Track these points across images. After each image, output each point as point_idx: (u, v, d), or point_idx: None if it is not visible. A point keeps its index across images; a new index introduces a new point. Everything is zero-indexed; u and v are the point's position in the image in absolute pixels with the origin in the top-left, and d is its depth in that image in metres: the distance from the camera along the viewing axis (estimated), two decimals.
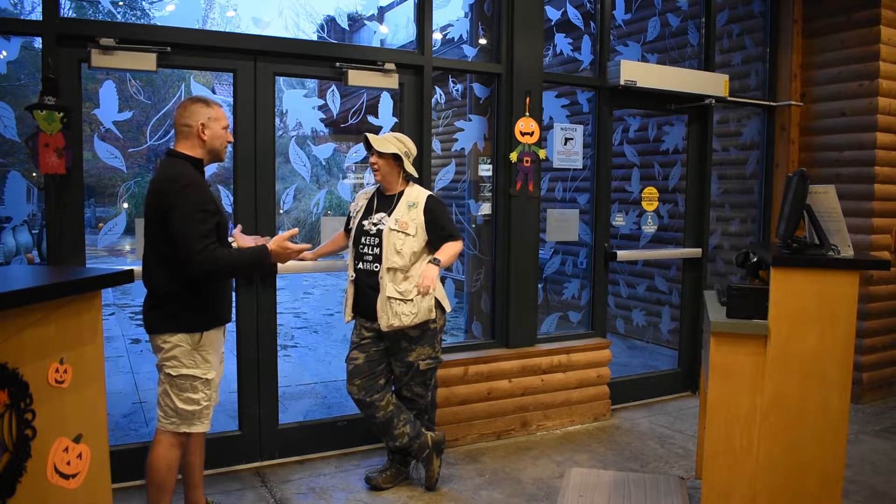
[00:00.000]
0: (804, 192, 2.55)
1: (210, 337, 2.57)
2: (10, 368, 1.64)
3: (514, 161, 3.94)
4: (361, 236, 3.15)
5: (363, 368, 3.16)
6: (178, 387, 2.52)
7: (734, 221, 5.60)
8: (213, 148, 2.60)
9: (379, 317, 3.05)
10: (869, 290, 4.60)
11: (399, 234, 3.06)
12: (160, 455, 2.53)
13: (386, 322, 3.04)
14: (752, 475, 2.56)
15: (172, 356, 2.50)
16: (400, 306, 3.04)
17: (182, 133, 2.56)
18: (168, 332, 2.50)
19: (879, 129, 4.59)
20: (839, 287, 2.48)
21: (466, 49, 4.10)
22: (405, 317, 3.04)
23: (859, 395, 4.62)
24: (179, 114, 2.56)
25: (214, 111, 2.58)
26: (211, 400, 2.61)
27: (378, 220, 3.14)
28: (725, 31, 5.29)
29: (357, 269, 3.16)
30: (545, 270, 4.44)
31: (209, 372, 2.56)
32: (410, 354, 3.14)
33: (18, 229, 3.06)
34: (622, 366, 4.95)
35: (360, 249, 3.14)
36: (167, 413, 2.54)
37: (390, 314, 3.03)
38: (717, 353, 2.57)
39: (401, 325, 3.04)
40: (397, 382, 3.24)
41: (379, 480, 3.27)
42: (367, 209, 3.21)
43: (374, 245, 3.11)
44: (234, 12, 3.78)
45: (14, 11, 4.37)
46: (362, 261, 3.14)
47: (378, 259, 3.08)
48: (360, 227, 3.18)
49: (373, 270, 3.09)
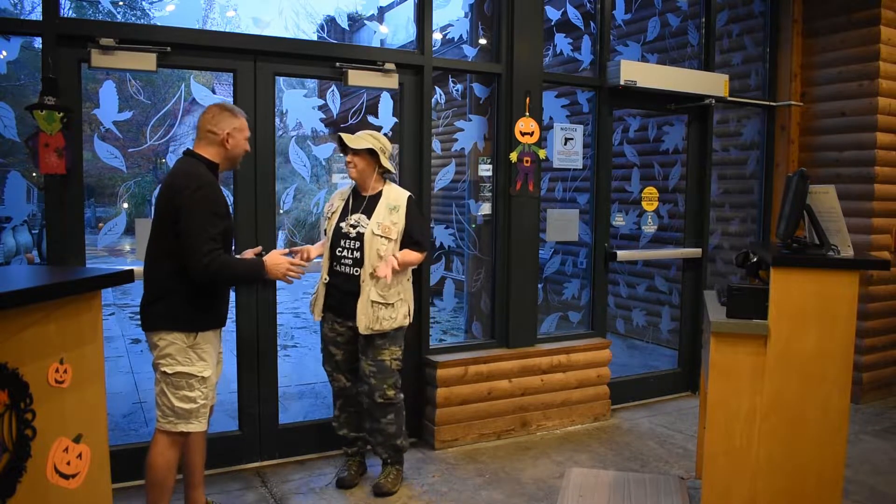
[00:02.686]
0: (804, 192, 2.55)
1: (206, 336, 2.57)
2: (10, 368, 1.64)
3: (514, 161, 3.94)
4: (340, 239, 3.10)
5: (347, 362, 3.22)
6: (174, 385, 2.52)
7: (734, 221, 5.60)
8: (234, 156, 2.67)
9: (358, 319, 3.03)
10: (869, 290, 4.60)
11: (382, 240, 3.04)
12: (158, 454, 2.54)
13: (365, 325, 3.03)
14: (752, 475, 2.55)
15: (167, 354, 2.51)
16: (381, 311, 3.04)
17: (206, 138, 2.60)
18: (163, 329, 2.50)
19: (879, 129, 4.59)
20: (839, 287, 2.48)
21: (466, 49, 4.10)
22: (385, 321, 3.06)
23: (859, 395, 4.62)
24: (206, 119, 2.61)
25: (240, 122, 2.66)
26: (208, 399, 2.60)
27: (356, 221, 3.09)
28: (725, 31, 5.28)
29: (333, 271, 3.12)
30: (545, 270, 4.44)
31: (205, 370, 2.56)
32: (384, 353, 3.11)
33: (18, 229, 3.07)
34: (622, 366, 4.94)
35: (338, 252, 3.10)
36: (164, 412, 2.54)
37: (371, 318, 3.03)
38: (717, 353, 2.57)
39: (380, 328, 3.05)
40: (366, 387, 3.12)
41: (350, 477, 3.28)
42: (343, 210, 3.16)
43: (353, 249, 3.07)
44: (234, 12, 3.79)
45: (14, 11, 4.37)
46: (340, 264, 3.09)
47: (358, 263, 3.05)
48: (338, 229, 3.12)
49: (352, 275, 3.06)
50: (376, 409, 3.14)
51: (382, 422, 3.16)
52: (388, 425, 3.16)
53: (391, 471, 3.25)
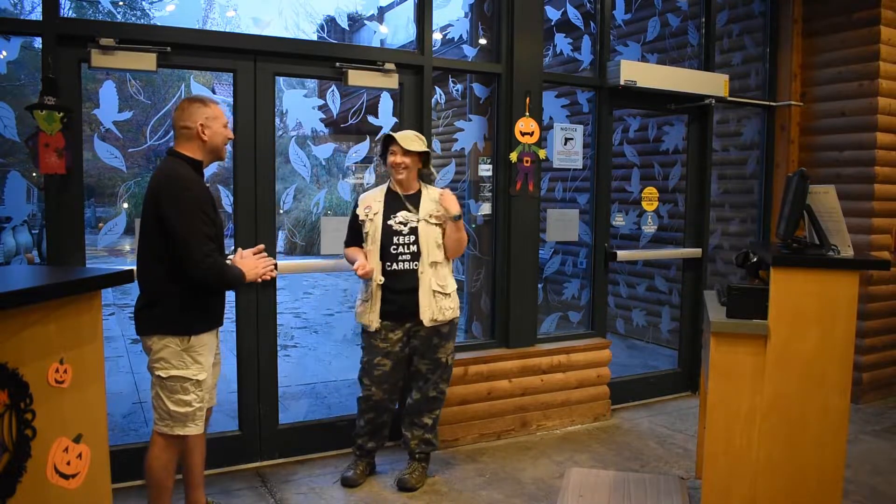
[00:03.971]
0: (804, 192, 2.55)
1: (201, 339, 2.53)
2: (10, 368, 1.64)
3: (514, 161, 3.94)
4: (392, 236, 3.08)
5: (391, 375, 3.16)
6: (169, 389, 2.49)
7: (734, 221, 5.60)
8: (214, 147, 2.58)
9: (422, 312, 3.04)
10: (869, 290, 4.60)
11: (436, 228, 3.10)
12: (156, 456, 2.53)
13: (430, 317, 3.04)
14: (752, 475, 2.55)
15: (161, 358, 2.48)
16: (443, 300, 3.07)
17: (182, 135, 2.54)
18: (156, 334, 2.48)
19: (879, 129, 4.59)
20: (839, 287, 2.48)
21: (466, 49, 4.10)
22: (448, 311, 3.09)
23: (859, 395, 4.62)
24: (178, 116, 2.54)
25: (212, 110, 2.56)
26: (203, 402, 2.57)
27: (405, 218, 3.10)
28: (725, 31, 5.28)
29: (390, 271, 3.07)
30: (545, 270, 4.44)
31: (200, 373, 2.53)
32: (440, 351, 3.16)
33: (18, 229, 3.06)
34: (622, 366, 4.94)
35: (393, 251, 3.07)
36: (161, 415, 2.53)
37: (435, 309, 3.05)
38: (717, 353, 2.57)
39: (444, 319, 3.07)
40: (422, 383, 3.22)
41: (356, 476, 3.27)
42: (385, 211, 3.13)
43: (409, 244, 3.08)
44: (234, 12, 3.78)
45: (14, 11, 4.37)
46: (396, 262, 3.07)
47: (416, 257, 3.06)
48: (387, 228, 3.09)
49: (412, 269, 3.06)
50: (426, 403, 3.22)
51: (427, 415, 3.23)
52: (430, 419, 3.23)
53: (417, 467, 3.27)
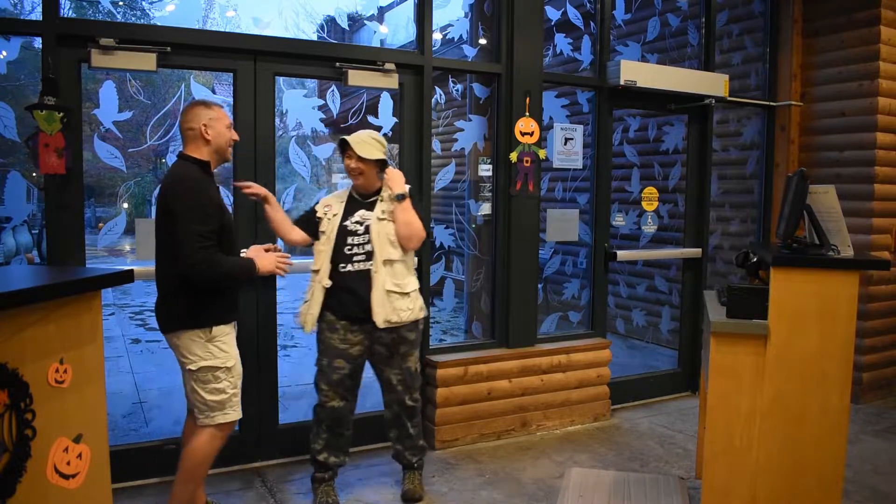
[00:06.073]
0: (804, 192, 2.55)
1: (223, 329, 2.60)
2: (10, 368, 1.64)
3: (514, 161, 3.94)
4: (346, 237, 2.95)
5: (348, 379, 2.99)
6: (202, 380, 2.56)
7: (734, 221, 5.60)
8: (218, 147, 2.65)
9: (375, 313, 2.88)
10: (869, 290, 4.60)
11: (389, 224, 2.94)
12: (201, 443, 2.59)
13: (383, 318, 2.88)
14: (752, 475, 2.55)
15: (188, 351, 2.54)
16: (399, 301, 2.92)
17: (188, 137, 2.61)
18: (178, 329, 2.54)
19: (879, 129, 4.59)
20: (839, 287, 2.48)
21: (466, 49, 4.10)
22: (404, 312, 2.92)
23: (859, 395, 4.62)
24: (183, 119, 2.62)
25: (215, 112, 2.64)
26: (237, 388, 2.65)
27: (361, 217, 2.98)
28: (725, 31, 5.28)
29: (344, 272, 2.94)
30: (545, 270, 4.44)
31: (228, 360, 2.60)
32: (409, 359, 3.05)
33: (18, 229, 3.07)
34: (622, 366, 4.94)
35: (348, 251, 2.94)
36: (200, 408, 2.59)
37: (389, 310, 2.89)
38: (717, 353, 2.57)
39: (398, 320, 2.91)
40: (397, 394, 3.07)
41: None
42: (345, 212, 3.02)
43: (363, 243, 2.94)
44: (234, 12, 3.78)
45: (14, 11, 4.37)
46: (350, 262, 2.93)
47: (371, 256, 2.92)
48: (343, 228, 2.97)
49: (366, 269, 2.92)
50: (406, 413, 3.11)
51: (410, 425, 3.14)
52: (415, 427, 3.16)
53: (415, 476, 3.22)
